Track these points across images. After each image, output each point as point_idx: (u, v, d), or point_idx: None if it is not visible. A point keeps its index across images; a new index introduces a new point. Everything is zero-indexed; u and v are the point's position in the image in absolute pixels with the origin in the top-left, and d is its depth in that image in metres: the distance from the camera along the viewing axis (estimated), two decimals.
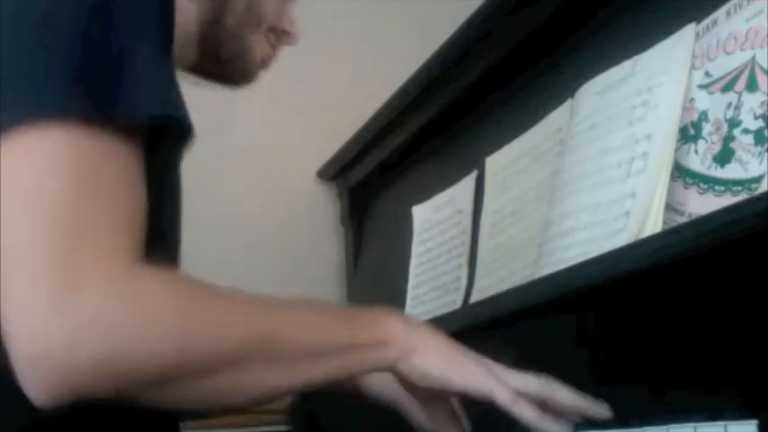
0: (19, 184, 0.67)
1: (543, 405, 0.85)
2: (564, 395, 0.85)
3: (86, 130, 0.68)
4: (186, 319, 0.70)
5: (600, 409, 0.85)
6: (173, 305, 0.70)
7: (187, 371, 0.70)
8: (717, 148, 0.93)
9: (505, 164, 1.36)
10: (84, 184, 0.68)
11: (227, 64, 0.99)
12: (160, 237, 0.76)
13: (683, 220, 0.94)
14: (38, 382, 0.65)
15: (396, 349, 0.83)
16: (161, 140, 0.75)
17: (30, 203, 0.67)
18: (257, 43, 0.99)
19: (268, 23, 0.99)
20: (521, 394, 0.84)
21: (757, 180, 0.87)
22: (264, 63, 1.02)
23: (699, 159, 0.95)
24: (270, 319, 0.77)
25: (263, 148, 1.99)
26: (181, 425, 0.87)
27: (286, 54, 1.03)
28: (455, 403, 0.95)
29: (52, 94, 0.68)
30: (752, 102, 0.90)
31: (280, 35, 1.02)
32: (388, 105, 1.70)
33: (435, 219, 1.56)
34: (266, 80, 1.03)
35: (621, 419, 0.82)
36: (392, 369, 0.85)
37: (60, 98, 0.68)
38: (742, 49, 0.93)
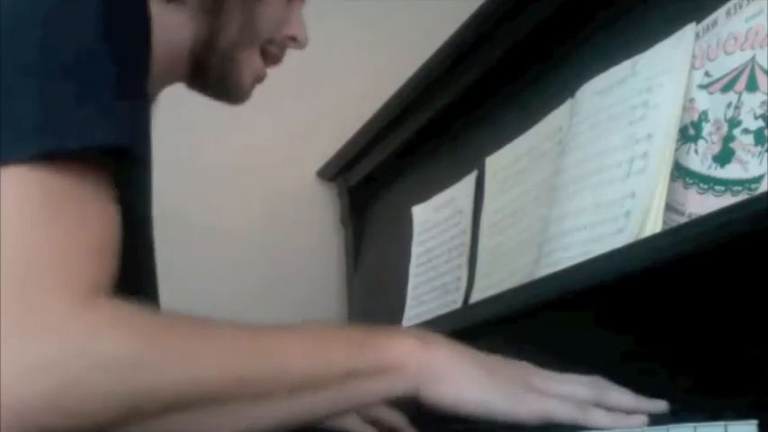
0: None
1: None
2: (618, 397, 0.78)
3: (48, 165, 0.67)
4: (150, 352, 0.65)
5: (659, 405, 0.78)
6: (131, 342, 0.65)
7: (151, 408, 0.65)
8: (717, 148, 0.93)
9: (505, 164, 1.36)
10: (47, 218, 0.66)
11: (214, 83, 0.96)
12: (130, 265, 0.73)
13: (683, 220, 0.94)
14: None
15: (410, 376, 0.74)
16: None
17: None
18: (248, 61, 0.96)
19: (265, 38, 0.96)
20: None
21: (757, 180, 0.87)
22: (258, 79, 0.99)
23: (699, 159, 0.95)
24: (253, 352, 0.70)
25: (263, 149, 1.99)
26: None
27: (286, 54, 1.03)
28: None
29: (11, 134, 0.67)
30: (752, 102, 0.90)
31: (283, 42, 0.99)
32: (388, 105, 1.70)
33: (435, 219, 1.56)
34: (266, 80, 1.03)
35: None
36: (413, 395, 0.75)
37: (20, 136, 0.67)
38: (742, 49, 0.93)
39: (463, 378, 0.75)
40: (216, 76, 0.95)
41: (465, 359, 0.76)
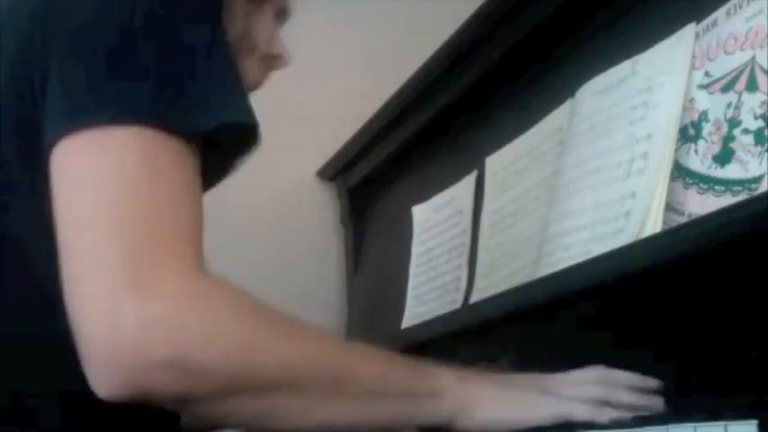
0: (92, 183, 0.69)
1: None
2: (623, 395, 0.84)
3: (156, 134, 0.70)
4: (253, 330, 0.72)
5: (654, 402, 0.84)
6: (240, 314, 0.72)
7: (249, 382, 0.71)
8: (717, 148, 0.93)
9: (505, 164, 1.36)
10: (155, 188, 0.70)
11: None
12: None
13: (683, 220, 0.94)
14: (105, 376, 0.67)
15: (451, 402, 0.83)
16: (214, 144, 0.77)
17: (103, 205, 0.69)
18: (248, 70, 0.97)
19: (261, 50, 0.98)
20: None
21: (757, 180, 0.87)
22: (255, 87, 1.01)
23: (699, 159, 0.95)
24: (332, 350, 0.78)
25: (262, 148, 1.99)
26: None
27: None
28: None
29: (124, 99, 0.71)
30: (752, 102, 0.90)
31: (271, 60, 1.01)
32: (388, 105, 1.70)
33: (435, 219, 1.56)
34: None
35: (621, 419, 0.82)
36: (450, 422, 0.84)
37: (132, 103, 0.71)
38: (742, 49, 0.93)
39: (491, 402, 0.84)
40: None
41: (490, 387, 0.86)
